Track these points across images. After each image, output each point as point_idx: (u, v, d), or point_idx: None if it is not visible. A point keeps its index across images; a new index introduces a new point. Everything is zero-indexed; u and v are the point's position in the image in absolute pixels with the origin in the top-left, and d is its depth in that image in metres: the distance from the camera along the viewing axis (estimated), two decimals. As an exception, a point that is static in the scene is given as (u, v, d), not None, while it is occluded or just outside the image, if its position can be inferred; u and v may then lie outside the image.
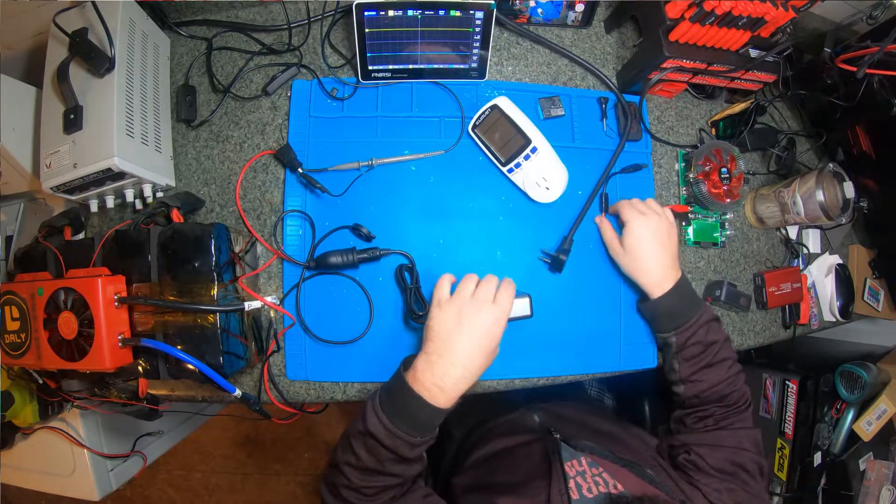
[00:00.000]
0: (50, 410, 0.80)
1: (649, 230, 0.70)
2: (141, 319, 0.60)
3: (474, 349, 0.57)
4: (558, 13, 0.80)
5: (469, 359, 0.56)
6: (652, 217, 0.71)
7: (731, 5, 0.64)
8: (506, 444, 0.75)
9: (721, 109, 0.88)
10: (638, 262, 0.71)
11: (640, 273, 0.71)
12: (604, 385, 1.08)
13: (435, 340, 0.57)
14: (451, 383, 0.55)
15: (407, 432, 0.54)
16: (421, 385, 0.55)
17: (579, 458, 0.64)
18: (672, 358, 0.71)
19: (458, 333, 0.57)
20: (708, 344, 0.68)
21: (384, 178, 0.75)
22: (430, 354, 0.57)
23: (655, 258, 0.70)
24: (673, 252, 0.71)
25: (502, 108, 0.75)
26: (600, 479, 0.61)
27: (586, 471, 0.63)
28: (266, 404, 0.70)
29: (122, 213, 0.75)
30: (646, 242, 0.70)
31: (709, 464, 0.65)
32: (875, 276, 1.01)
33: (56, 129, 0.64)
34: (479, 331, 0.57)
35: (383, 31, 0.68)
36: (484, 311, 0.58)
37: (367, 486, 0.56)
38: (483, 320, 0.58)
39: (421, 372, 0.56)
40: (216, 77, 0.77)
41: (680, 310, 0.69)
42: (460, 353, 0.56)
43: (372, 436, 0.54)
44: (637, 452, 0.70)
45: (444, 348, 0.57)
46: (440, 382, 0.55)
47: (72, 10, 0.66)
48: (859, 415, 1.05)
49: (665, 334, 0.71)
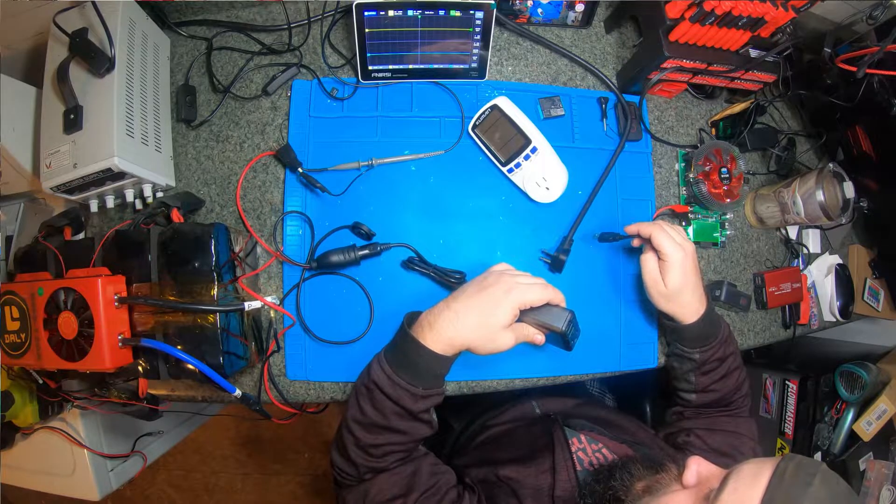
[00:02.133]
0: (50, 410, 0.80)
1: (690, 262, 0.65)
2: (141, 319, 0.60)
3: (475, 310, 0.57)
4: (558, 13, 0.80)
5: (467, 316, 0.57)
6: (688, 247, 0.65)
7: (731, 5, 0.64)
8: (506, 427, 0.77)
9: (721, 109, 0.88)
10: (680, 296, 0.66)
11: (680, 307, 0.67)
12: (604, 385, 1.08)
13: (456, 294, 0.60)
14: (441, 324, 0.57)
15: (408, 381, 0.56)
16: (420, 328, 0.58)
17: (578, 435, 0.67)
18: (690, 372, 0.71)
19: (471, 289, 0.59)
20: (725, 357, 0.69)
21: (384, 178, 0.75)
22: (442, 302, 0.59)
23: (694, 288, 0.66)
24: (700, 278, 0.68)
25: (502, 108, 0.75)
26: (600, 455, 0.64)
27: (586, 447, 0.65)
28: (266, 404, 0.70)
29: (122, 213, 0.75)
30: (690, 275, 0.65)
31: (707, 444, 0.68)
32: (875, 276, 1.01)
33: (56, 129, 0.64)
34: (486, 300, 0.58)
35: (383, 31, 0.68)
36: (501, 281, 0.59)
37: (373, 444, 0.57)
38: (496, 296, 0.58)
39: (425, 315, 0.59)
40: (216, 77, 0.77)
41: (709, 331, 0.68)
42: (463, 307, 0.58)
43: (376, 386, 0.57)
44: (634, 434, 0.73)
45: (454, 299, 0.59)
46: (431, 318, 0.58)
47: (72, 10, 0.66)
48: (859, 415, 1.05)
49: (688, 351, 0.69)
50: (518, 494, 0.59)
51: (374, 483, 0.58)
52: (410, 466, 0.60)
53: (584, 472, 0.61)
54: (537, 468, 0.61)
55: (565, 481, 0.59)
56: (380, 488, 0.58)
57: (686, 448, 0.69)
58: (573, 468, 0.60)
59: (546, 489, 0.59)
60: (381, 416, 0.57)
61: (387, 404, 0.57)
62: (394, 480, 0.58)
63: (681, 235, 0.66)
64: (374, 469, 0.59)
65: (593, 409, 0.81)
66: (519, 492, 0.59)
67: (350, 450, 0.58)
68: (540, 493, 0.59)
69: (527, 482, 0.60)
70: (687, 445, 0.69)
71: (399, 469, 0.59)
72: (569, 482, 0.59)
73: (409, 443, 0.59)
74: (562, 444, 0.63)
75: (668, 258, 0.63)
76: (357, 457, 0.58)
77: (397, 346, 0.59)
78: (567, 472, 0.60)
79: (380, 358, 0.59)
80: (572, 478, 0.59)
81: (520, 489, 0.59)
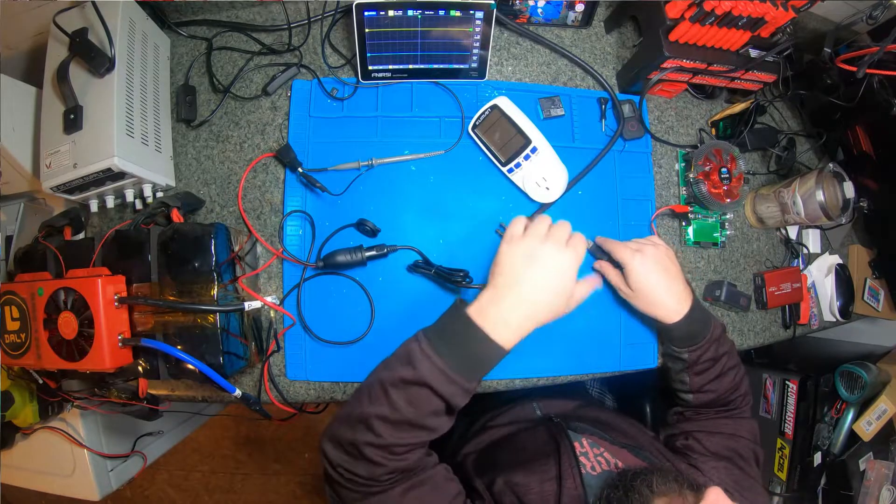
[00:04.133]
0: (50, 410, 0.80)
1: (650, 264, 0.67)
2: (141, 319, 0.60)
3: (544, 287, 0.53)
4: (558, 13, 0.80)
5: (539, 294, 0.53)
6: (647, 250, 0.68)
7: (731, 5, 0.64)
8: (507, 431, 0.76)
9: (721, 109, 0.88)
10: (649, 297, 0.68)
11: (656, 308, 0.68)
12: (604, 385, 1.08)
13: (505, 275, 0.54)
14: (517, 320, 0.52)
15: (465, 376, 0.50)
16: (486, 319, 0.51)
17: (580, 439, 0.66)
18: (682, 371, 0.71)
19: (528, 269, 0.54)
20: (718, 357, 0.69)
21: (384, 177, 0.75)
22: (498, 288, 0.53)
23: (666, 289, 0.67)
24: (680, 275, 0.69)
25: (502, 108, 0.75)
26: (602, 459, 0.63)
27: (588, 451, 0.64)
28: (266, 404, 0.70)
29: (122, 213, 0.75)
30: (652, 276, 0.67)
31: (705, 447, 0.67)
32: (875, 276, 1.01)
33: (56, 129, 0.64)
34: (550, 269, 0.54)
35: (383, 31, 0.68)
36: (556, 252, 0.55)
37: (398, 443, 0.50)
38: (555, 260, 0.54)
39: (487, 304, 0.52)
40: (216, 77, 0.77)
41: (696, 330, 0.68)
42: (529, 288, 0.53)
43: (424, 383, 0.49)
44: (634, 437, 0.72)
45: (514, 282, 0.53)
46: (507, 316, 0.52)
47: (72, 10, 0.66)
48: (859, 415, 1.05)
49: (678, 350, 0.69)
50: (524, 501, 0.57)
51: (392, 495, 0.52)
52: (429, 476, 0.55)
53: (588, 475, 0.60)
54: (542, 475, 0.60)
55: (571, 489, 0.57)
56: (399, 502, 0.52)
57: (685, 452, 0.68)
58: (579, 474, 0.59)
59: (553, 496, 0.57)
60: (417, 413, 0.50)
61: (430, 401, 0.50)
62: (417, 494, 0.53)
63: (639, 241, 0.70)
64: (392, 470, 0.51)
65: (593, 410, 0.81)
66: (525, 498, 0.58)
67: (366, 450, 0.50)
68: (547, 500, 0.57)
69: (533, 488, 0.59)
70: (686, 449, 0.68)
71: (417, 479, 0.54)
72: (575, 490, 0.57)
73: (431, 439, 0.54)
74: (568, 452, 0.61)
75: (626, 264, 0.68)
76: (376, 456, 0.50)
77: (451, 337, 0.52)
78: (573, 479, 0.58)
79: (424, 350, 0.51)
80: (578, 485, 0.58)
81: (526, 495, 0.58)
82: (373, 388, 0.52)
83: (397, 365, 0.52)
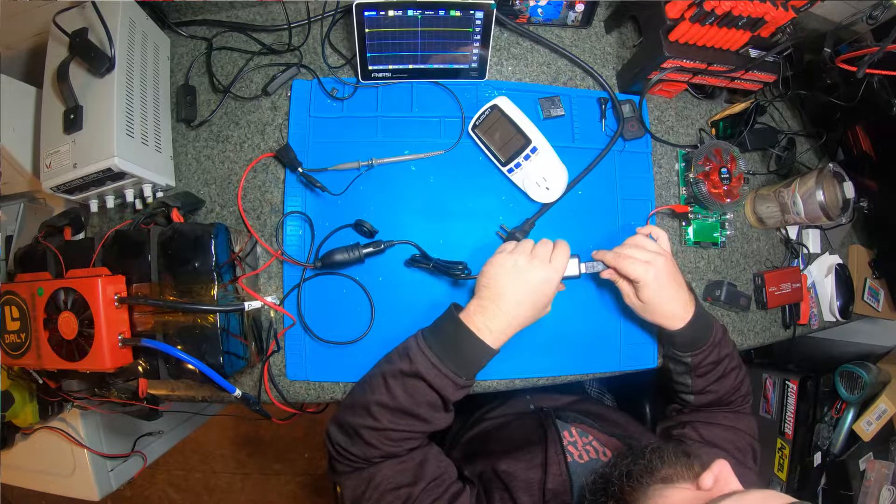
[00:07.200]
0: (50, 410, 0.80)
1: (663, 278, 0.65)
2: (141, 319, 0.60)
3: (523, 302, 0.60)
4: (558, 13, 0.80)
5: (517, 309, 0.60)
6: (658, 261, 0.65)
7: (731, 5, 0.64)
8: (499, 422, 0.78)
9: (721, 109, 0.88)
10: (660, 308, 0.66)
11: (664, 318, 0.67)
12: (604, 385, 1.08)
13: (490, 287, 0.61)
14: (499, 328, 0.59)
15: (454, 371, 0.57)
16: (472, 323, 0.59)
17: (569, 428, 0.68)
18: (685, 374, 0.70)
19: (510, 285, 0.60)
20: (721, 360, 0.69)
21: (384, 177, 0.75)
22: (482, 299, 0.60)
23: (674, 298, 0.66)
24: (683, 282, 0.68)
25: (502, 108, 0.75)
26: (590, 447, 0.66)
27: (577, 440, 0.66)
28: (266, 404, 0.70)
29: (122, 213, 0.75)
30: (664, 291, 0.65)
31: (701, 435, 0.68)
32: (875, 276, 1.01)
33: (56, 129, 0.64)
34: (530, 285, 0.60)
35: (383, 31, 0.68)
36: (538, 269, 0.61)
37: (395, 428, 0.57)
38: (536, 276, 0.60)
39: (473, 312, 0.60)
40: (216, 77, 0.77)
41: (699, 334, 0.67)
42: (510, 304, 0.59)
43: (419, 376, 0.57)
44: (625, 427, 0.73)
45: (497, 296, 0.60)
46: (490, 324, 0.59)
47: (72, 10, 0.66)
48: (859, 415, 1.05)
49: (681, 354, 0.69)
50: (510, 488, 0.59)
51: (381, 469, 0.58)
52: (419, 455, 0.60)
53: (575, 463, 0.62)
54: (529, 462, 0.62)
55: (556, 475, 0.60)
56: (385, 475, 0.57)
57: (681, 439, 0.68)
58: (564, 462, 0.61)
59: (537, 482, 0.60)
60: (413, 402, 0.57)
61: (425, 392, 0.57)
62: (401, 468, 0.58)
63: (646, 250, 0.65)
64: (386, 454, 0.58)
65: (588, 404, 0.82)
66: (511, 485, 0.60)
67: (364, 433, 0.57)
68: (531, 487, 0.59)
69: (519, 475, 0.61)
70: (682, 437, 0.69)
71: (408, 457, 0.59)
72: (560, 475, 0.60)
73: (427, 431, 0.60)
74: (554, 440, 0.64)
75: (639, 280, 0.64)
76: (373, 438, 0.57)
77: (443, 335, 0.59)
78: (558, 465, 0.61)
79: (421, 346, 0.58)
80: (563, 471, 0.60)
81: (512, 482, 0.60)
82: (375, 378, 0.60)
83: (397, 358, 0.60)
